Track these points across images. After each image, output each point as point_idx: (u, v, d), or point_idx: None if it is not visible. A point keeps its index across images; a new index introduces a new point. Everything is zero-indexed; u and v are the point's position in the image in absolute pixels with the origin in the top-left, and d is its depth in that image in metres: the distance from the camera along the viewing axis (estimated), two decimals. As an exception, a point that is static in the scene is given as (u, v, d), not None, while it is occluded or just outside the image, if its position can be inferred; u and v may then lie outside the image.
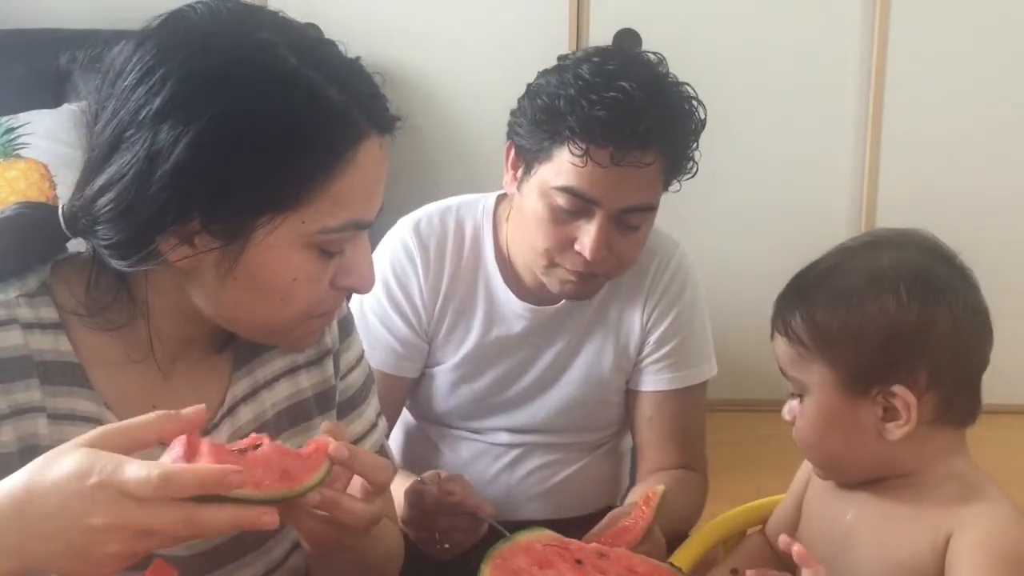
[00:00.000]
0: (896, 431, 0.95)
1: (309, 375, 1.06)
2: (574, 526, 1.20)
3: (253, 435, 0.83)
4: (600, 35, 2.79)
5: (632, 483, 1.59)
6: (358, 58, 0.93)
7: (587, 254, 1.31)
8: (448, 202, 1.51)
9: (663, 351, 1.48)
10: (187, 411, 0.78)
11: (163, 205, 0.84)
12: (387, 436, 1.20)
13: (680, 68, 1.38)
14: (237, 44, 0.86)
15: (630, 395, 1.52)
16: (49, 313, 0.92)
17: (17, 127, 2.61)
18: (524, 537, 0.92)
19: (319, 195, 0.87)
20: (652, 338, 1.48)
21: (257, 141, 0.84)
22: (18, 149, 2.60)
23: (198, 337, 0.98)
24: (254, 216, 0.86)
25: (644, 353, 1.49)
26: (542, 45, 1.39)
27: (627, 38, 2.83)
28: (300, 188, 0.86)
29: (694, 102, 1.35)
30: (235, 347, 1.02)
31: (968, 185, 2.93)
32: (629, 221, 1.32)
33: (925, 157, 2.92)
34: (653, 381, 1.49)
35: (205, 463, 0.76)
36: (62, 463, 0.72)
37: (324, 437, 0.85)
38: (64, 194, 2.58)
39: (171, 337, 0.96)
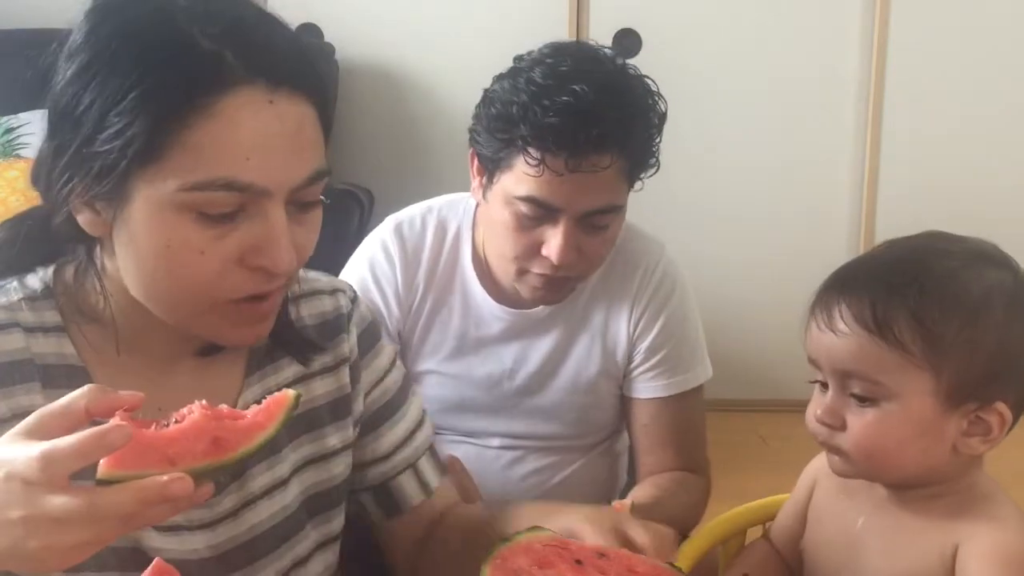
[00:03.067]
0: (980, 446, 0.93)
1: (323, 382, 1.05)
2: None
3: (188, 405, 0.77)
4: (600, 35, 2.79)
5: (631, 480, 1.59)
6: (271, 13, 0.88)
7: (554, 259, 1.30)
8: (431, 203, 1.52)
9: (655, 359, 1.46)
10: (122, 392, 0.75)
11: (51, 157, 0.85)
12: (429, 450, 1.16)
13: (680, 68, 1.38)
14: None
15: (625, 402, 1.51)
16: (52, 316, 0.92)
17: (17, 127, 2.61)
18: (524, 537, 0.92)
19: (179, 146, 0.81)
20: (642, 346, 1.46)
21: (114, 83, 0.81)
22: (18, 149, 2.60)
23: (171, 332, 0.94)
24: (123, 170, 0.82)
25: (635, 362, 1.47)
26: (542, 44, 1.38)
27: (627, 38, 2.83)
28: (153, 137, 0.81)
29: (654, 96, 1.31)
30: (249, 351, 1.00)
31: (968, 185, 2.94)
32: (596, 222, 1.31)
33: (925, 157, 2.93)
34: (647, 389, 1.48)
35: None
36: None
37: (282, 392, 0.79)
38: (64, 194, 2.58)
39: (150, 330, 0.93)
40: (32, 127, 2.61)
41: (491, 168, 1.33)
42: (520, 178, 1.28)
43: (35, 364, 0.90)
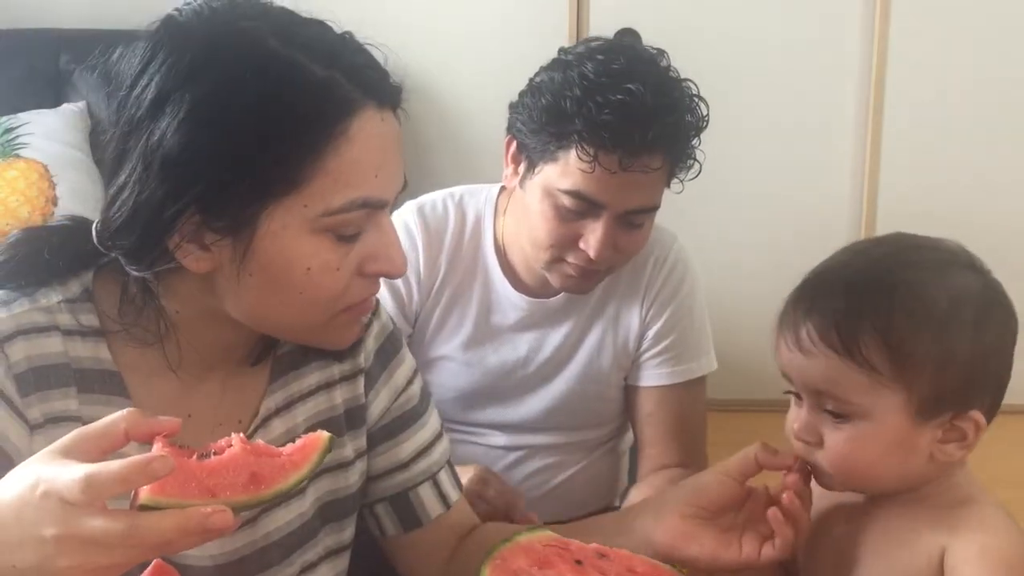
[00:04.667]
0: (957, 452, 0.92)
1: (343, 391, 1.06)
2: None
3: (226, 437, 0.79)
4: (600, 33, 2.79)
5: (632, 480, 1.59)
6: (348, 33, 0.91)
7: (592, 253, 1.31)
8: (453, 189, 1.52)
9: (662, 345, 1.48)
10: (161, 418, 0.76)
11: (161, 202, 0.84)
12: (447, 464, 1.16)
13: (680, 68, 1.37)
14: (219, 33, 0.86)
15: (629, 391, 1.52)
16: (90, 320, 0.92)
17: (17, 127, 2.61)
18: (524, 537, 0.92)
19: (314, 174, 0.84)
20: (650, 332, 1.47)
21: (239, 124, 0.82)
22: (18, 149, 2.59)
23: (233, 346, 0.96)
24: (253, 205, 0.84)
25: (643, 348, 1.48)
26: (542, 44, 1.38)
27: (627, 38, 2.82)
28: (292, 168, 0.83)
29: (696, 100, 1.34)
30: (273, 359, 1.01)
31: (969, 184, 2.93)
32: (634, 220, 1.32)
33: (926, 156, 2.92)
34: (652, 376, 1.49)
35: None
36: (21, 473, 0.71)
37: (316, 433, 0.82)
38: (64, 194, 2.58)
39: (204, 346, 0.95)
40: (32, 127, 2.61)
41: (534, 158, 1.34)
42: (568, 171, 1.29)
43: (72, 368, 0.90)
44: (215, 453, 0.77)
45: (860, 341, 0.88)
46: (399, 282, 1.46)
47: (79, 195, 2.56)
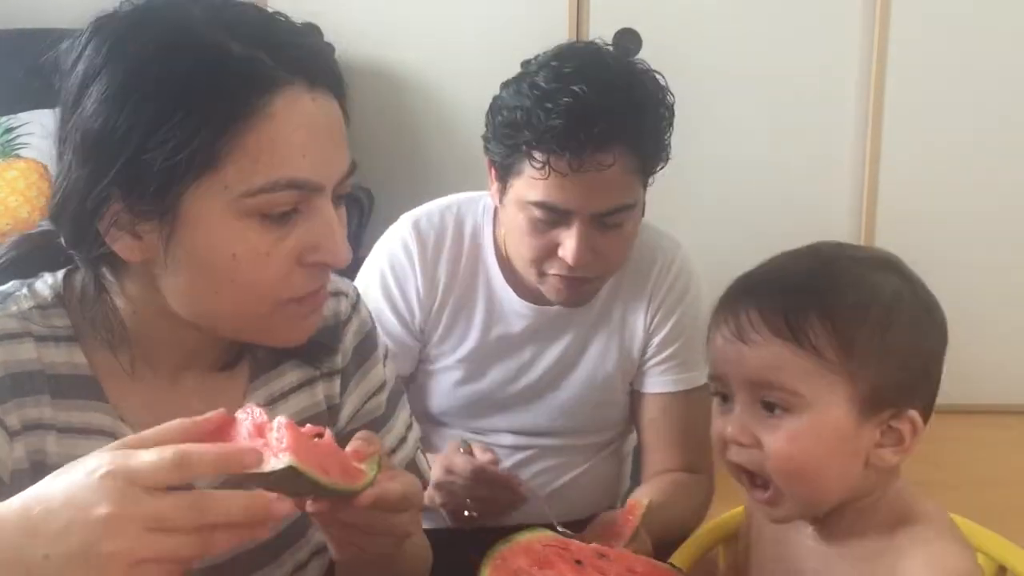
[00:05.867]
0: (892, 457, 0.89)
1: (324, 387, 1.05)
2: (575, 528, 1.20)
3: (309, 426, 0.80)
4: (600, 35, 2.77)
5: (636, 483, 1.59)
6: (282, 14, 0.89)
7: (570, 260, 1.31)
8: (449, 200, 1.51)
9: (667, 352, 1.47)
10: (206, 416, 0.76)
11: (85, 183, 0.83)
12: (419, 448, 1.16)
13: (680, 67, 1.37)
14: (144, 13, 0.85)
15: (634, 397, 1.52)
16: (63, 325, 0.91)
17: (17, 127, 2.61)
18: (524, 537, 0.92)
19: (232, 153, 0.81)
20: (656, 340, 1.47)
21: (152, 101, 0.81)
22: (17, 149, 2.59)
23: (199, 349, 0.95)
24: (173, 186, 0.82)
25: (648, 355, 1.48)
26: (542, 45, 1.38)
27: (627, 38, 2.83)
28: (206, 146, 0.80)
29: (661, 91, 1.31)
30: (251, 359, 1.00)
31: (969, 183, 2.93)
32: (608, 221, 1.31)
33: (925, 156, 2.92)
34: (657, 383, 1.49)
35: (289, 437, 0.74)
36: (71, 466, 0.70)
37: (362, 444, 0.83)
38: (64, 194, 2.58)
39: (168, 348, 0.93)
40: (32, 127, 2.61)
41: (504, 174, 1.34)
42: (529, 183, 1.29)
43: (45, 375, 0.89)
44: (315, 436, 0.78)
45: (808, 326, 0.87)
46: (400, 301, 1.46)
47: (79, 195, 2.56)
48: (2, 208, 2.55)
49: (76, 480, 0.67)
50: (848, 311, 0.88)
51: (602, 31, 2.84)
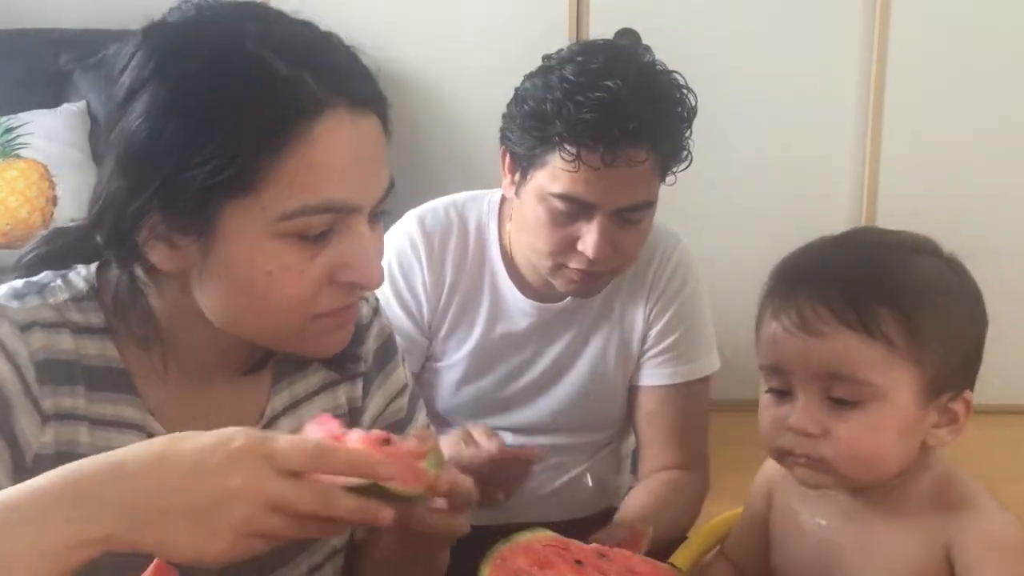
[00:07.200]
0: (947, 437, 0.91)
1: (345, 389, 1.05)
2: (575, 528, 1.20)
3: (375, 431, 0.81)
4: (600, 35, 2.78)
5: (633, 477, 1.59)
6: (332, 33, 0.89)
7: (590, 254, 1.31)
8: (454, 197, 1.51)
9: (664, 344, 1.47)
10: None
11: (125, 196, 0.84)
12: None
13: (680, 67, 1.37)
14: (193, 28, 0.85)
15: (631, 391, 1.52)
16: (97, 318, 0.92)
17: (17, 127, 2.61)
18: (524, 537, 0.92)
19: (273, 175, 0.81)
20: (653, 331, 1.47)
21: (195, 118, 0.81)
22: (17, 149, 2.60)
23: (228, 352, 0.95)
24: (210, 204, 0.82)
25: (646, 347, 1.48)
26: (542, 45, 1.38)
27: (627, 37, 2.82)
28: (246, 168, 0.81)
29: (683, 90, 1.33)
30: (276, 360, 1.00)
31: (969, 183, 2.93)
32: (629, 217, 1.32)
33: (926, 155, 2.92)
34: (654, 375, 1.48)
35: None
36: (194, 434, 0.72)
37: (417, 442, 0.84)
38: (64, 194, 2.58)
39: (198, 351, 0.93)
40: (32, 127, 2.61)
41: (524, 165, 1.34)
42: (556, 174, 1.29)
43: (81, 366, 0.90)
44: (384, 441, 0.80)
45: (878, 315, 0.87)
46: (407, 295, 1.46)
47: (79, 195, 2.56)
48: (2, 208, 2.55)
49: (209, 448, 0.71)
50: (912, 298, 0.88)
51: (602, 31, 2.83)
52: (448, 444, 1.35)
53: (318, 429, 0.79)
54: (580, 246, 1.32)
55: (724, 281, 2.98)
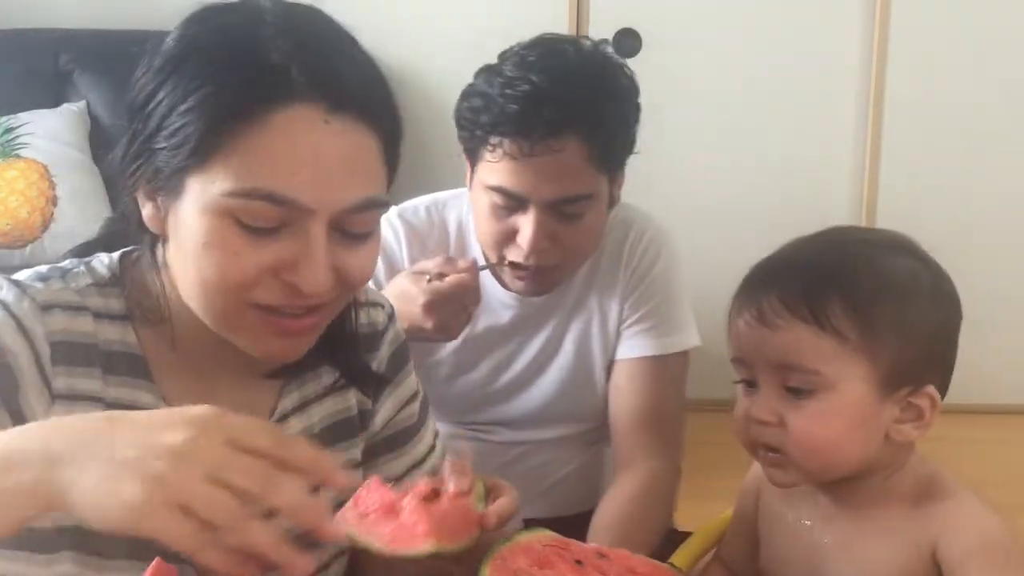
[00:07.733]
0: (912, 432, 0.92)
1: (357, 392, 1.05)
2: (571, 524, 1.20)
3: (422, 484, 0.86)
4: (600, 35, 2.78)
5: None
6: (350, 36, 0.91)
7: (525, 247, 1.33)
8: (434, 196, 1.54)
9: (637, 315, 1.46)
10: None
11: (126, 149, 0.88)
12: (445, 453, 1.16)
13: (680, 68, 1.38)
14: (219, 3, 0.88)
15: (609, 369, 1.49)
16: (118, 304, 0.94)
17: (17, 127, 2.61)
18: (524, 537, 0.92)
19: (224, 151, 0.82)
20: (627, 304, 1.47)
21: (187, 80, 0.84)
22: (17, 149, 2.60)
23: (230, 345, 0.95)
24: (179, 168, 0.84)
25: (623, 321, 1.47)
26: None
27: (627, 38, 2.83)
28: (208, 139, 0.82)
29: (626, 81, 1.34)
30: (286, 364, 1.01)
31: (968, 185, 2.93)
32: (566, 211, 1.32)
33: (925, 156, 2.93)
34: (629, 347, 1.46)
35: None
36: (171, 408, 0.73)
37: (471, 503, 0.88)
38: (64, 194, 2.58)
39: (206, 340, 0.93)
40: (32, 127, 2.61)
41: (471, 160, 1.38)
42: (488, 167, 1.32)
43: (99, 350, 0.91)
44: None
45: (828, 308, 0.89)
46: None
47: (79, 195, 2.56)
48: (2, 208, 2.55)
49: (166, 411, 0.72)
50: (867, 292, 0.90)
51: (602, 31, 2.85)
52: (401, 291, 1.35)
53: (373, 496, 0.81)
54: (518, 239, 1.33)
55: (724, 281, 2.99)
